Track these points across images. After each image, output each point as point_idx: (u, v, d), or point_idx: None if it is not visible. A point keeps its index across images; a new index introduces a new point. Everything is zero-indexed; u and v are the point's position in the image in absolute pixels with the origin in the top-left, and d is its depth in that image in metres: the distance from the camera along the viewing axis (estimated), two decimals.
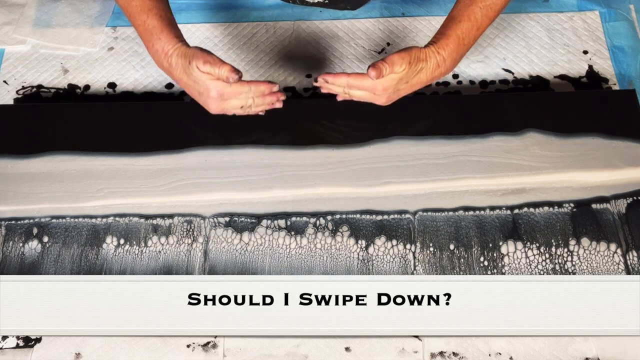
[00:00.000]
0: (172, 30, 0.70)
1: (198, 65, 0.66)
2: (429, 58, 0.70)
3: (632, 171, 0.74)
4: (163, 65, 0.70)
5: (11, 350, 0.69)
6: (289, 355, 0.67)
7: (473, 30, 0.71)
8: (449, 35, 0.71)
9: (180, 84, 0.71)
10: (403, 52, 0.68)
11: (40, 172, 0.77)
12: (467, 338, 0.68)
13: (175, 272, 0.71)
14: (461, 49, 0.71)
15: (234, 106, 0.71)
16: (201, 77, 0.68)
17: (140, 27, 0.71)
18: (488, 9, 0.71)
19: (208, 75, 0.67)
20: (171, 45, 0.69)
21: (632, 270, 0.69)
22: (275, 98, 0.73)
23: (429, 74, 0.71)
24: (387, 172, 0.75)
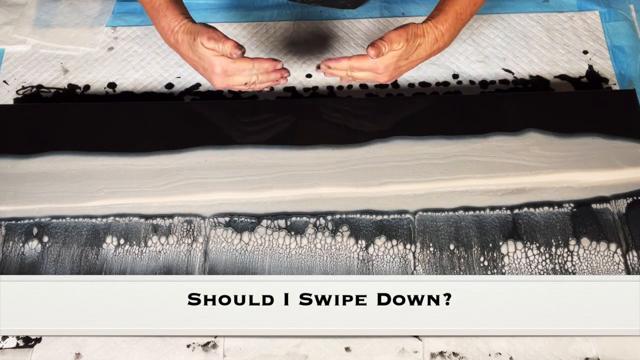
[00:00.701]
0: (178, 7, 0.72)
1: (202, 41, 0.68)
2: (426, 33, 0.71)
3: (632, 171, 0.74)
4: (170, 41, 0.72)
5: (11, 350, 0.69)
6: (289, 355, 0.67)
7: (470, 6, 0.73)
8: (446, 10, 0.72)
9: (186, 59, 0.73)
10: (400, 29, 0.70)
11: (40, 172, 0.77)
12: (467, 338, 0.68)
13: (175, 272, 0.71)
14: (458, 24, 0.73)
15: (238, 82, 0.72)
16: (206, 53, 0.69)
17: (148, 5, 0.72)
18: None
19: (212, 51, 0.68)
20: (177, 21, 0.70)
21: (632, 270, 0.69)
22: (279, 75, 0.73)
23: (427, 49, 0.72)
24: (387, 172, 0.75)
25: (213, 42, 0.68)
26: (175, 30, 0.70)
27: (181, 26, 0.70)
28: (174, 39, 0.71)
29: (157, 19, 0.72)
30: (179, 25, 0.70)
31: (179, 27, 0.70)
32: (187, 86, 0.88)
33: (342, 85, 0.87)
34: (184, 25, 0.70)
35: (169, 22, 0.71)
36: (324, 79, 0.88)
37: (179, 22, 0.70)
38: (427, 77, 0.87)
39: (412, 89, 0.87)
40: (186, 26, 0.70)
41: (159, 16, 0.71)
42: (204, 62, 0.70)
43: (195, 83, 0.88)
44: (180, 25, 0.70)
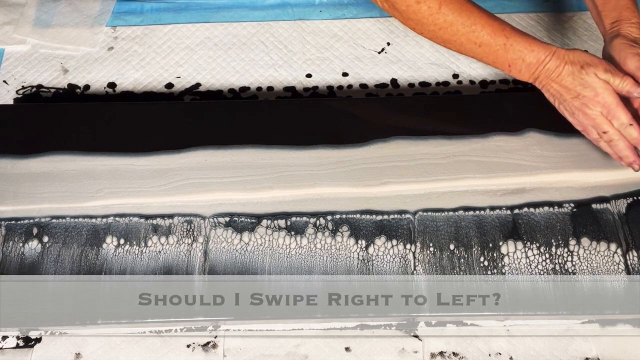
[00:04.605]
0: (534, 38, 0.69)
1: (597, 72, 0.66)
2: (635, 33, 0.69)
3: (632, 171, 0.74)
4: (531, 73, 0.69)
5: (11, 350, 0.69)
6: (289, 355, 0.67)
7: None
8: (626, 5, 0.70)
9: (551, 88, 0.70)
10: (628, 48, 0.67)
11: (40, 172, 0.77)
12: (467, 338, 0.68)
13: (175, 272, 0.71)
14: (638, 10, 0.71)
15: (601, 123, 0.68)
16: (595, 84, 0.66)
17: (500, 51, 0.69)
18: None
19: (605, 83, 0.66)
20: (547, 51, 0.68)
21: (632, 270, 0.69)
22: (633, 158, 0.69)
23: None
24: (387, 172, 0.75)
25: (610, 75, 0.65)
26: (547, 61, 0.68)
27: (554, 55, 0.68)
28: (540, 70, 0.68)
29: (520, 59, 0.69)
30: (551, 55, 0.68)
31: (551, 57, 0.68)
32: (187, 86, 0.88)
33: (342, 85, 0.87)
34: (557, 54, 0.68)
35: (537, 56, 0.68)
36: (324, 79, 0.88)
37: (550, 51, 0.68)
38: (427, 77, 0.88)
39: (412, 89, 0.87)
40: (561, 54, 0.68)
41: (522, 55, 0.68)
42: (586, 90, 0.67)
43: (195, 83, 0.88)
44: (553, 54, 0.68)
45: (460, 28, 0.69)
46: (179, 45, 0.92)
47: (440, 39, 0.71)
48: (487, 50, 0.69)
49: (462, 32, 0.69)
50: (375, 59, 0.90)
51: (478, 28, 0.68)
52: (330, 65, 0.89)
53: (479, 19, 0.68)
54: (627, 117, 0.66)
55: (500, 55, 0.69)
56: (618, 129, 0.67)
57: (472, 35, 0.69)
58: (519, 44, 0.68)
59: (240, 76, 0.89)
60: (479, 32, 0.68)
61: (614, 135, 0.68)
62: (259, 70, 0.89)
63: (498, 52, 0.69)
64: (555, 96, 0.70)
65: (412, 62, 0.89)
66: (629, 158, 0.69)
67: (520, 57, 0.69)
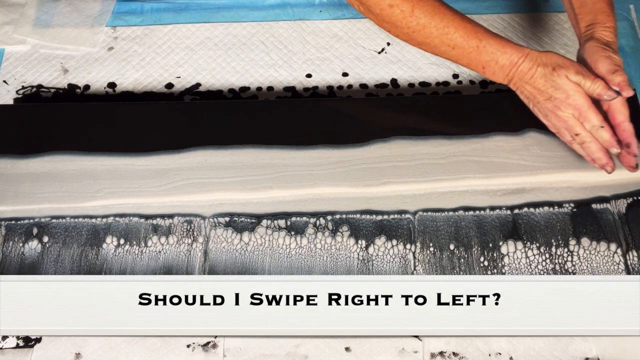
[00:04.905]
0: (508, 40, 0.69)
1: (568, 74, 0.66)
2: (608, 37, 0.69)
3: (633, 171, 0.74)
4: (506, 75, 0.69)
5: (11, 350, 0.69)
6: (289, 355, 0.67)
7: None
8: (601, 8, 0.70)
9: (524, 90, 0.70)
10: (600, 55, 0.67)
11: (40, 172, 0.77)
12: (467, 338, 0.68)
13: (175, 272, 0.71)
14: (615, 14, 0.71)
15: (573, 125, 0.68)
16: (566, 86, 0.66)
17: (474, 53, 0.69)
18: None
19: (576, 85, 0.66)
20: (520, 53, 0.68)
21: (632, 270, 0.69)
22: (606, 160, 0.69)
23: (617, 46, 0.70)
24: (387, 172, 0.75)
25: (581, 77, 0.65)
26: (520, 63, 0.68)
27: (527, 57, 0.68)
28: (513, 72, 0.69)
29: (493, 61, 0.69)
30: (524, 57, 0.68)
31: (524, 59, 0.68)
32: (187, 86, 0.88)
33: (342, 85, 0.87)
34: (530, 56, 0.68)
35: (510, 58, 0.68)
36: (324, 79, 0.88)
37: (522, 53, 0.68)
38: (427, 77, 0.88)
39: (412, 89, 0.87)
40: (534, 56, 0.68)
41: (495, 57, 0.69)
42: (558, 92, 0.67)
43: (195, 83, 0.88)
44: (526, 56, 0.68)
45: (434, 31, 0.69)
46: (179, 45, 0.92)
47: (414, 41, 0.71)
48: (460, 53, 0.70)
49: (435, 34, 0.69)
50: (375, 59, 0.90)
51: (451, 30, 0.69)
52: (330, 65, 0.89)
53: (452, 22, 0.69)
54: (598, 119, 0.66)
55: (473, 58, 0.70)
56: (590, 131, 0.68)
57: (445, 37, 0.69)
58: (492, 46, 0.69)
59: (240, 76, 0.89)
60: (452, 34, 0.69)
61: (586, 138, 0.68)
62: (259, 70, 0.89)
63: (471, 54, 0.69)
64: (529, 98, 0.70)
65: (412, 62, 0.89)
66: (601, 160, 0.69)
67: (493, 59, 0.69)
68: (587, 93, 0.66)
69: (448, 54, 0.71)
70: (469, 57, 0.70)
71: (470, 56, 0.70)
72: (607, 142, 0.67)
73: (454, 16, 0.69)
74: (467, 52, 0.69)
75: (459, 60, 0.71)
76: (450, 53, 0.70)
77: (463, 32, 0.69)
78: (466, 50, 0.69)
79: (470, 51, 0.69)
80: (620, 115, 0.67)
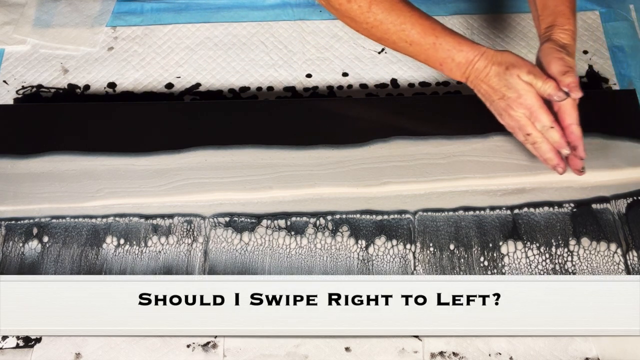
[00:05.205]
0: (466, 39, 0.69)
1: (520, 74, 0.66)
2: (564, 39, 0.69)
3: (632, 171, 0.74)
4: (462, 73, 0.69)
5: (11, 350, 0.69)
6: (289, 355, 0.67)
7: None
8: (562, 12, 0.70)
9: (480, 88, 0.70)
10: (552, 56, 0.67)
11: (40, 172, 0.77)
12: (467, 338, 0.68)
13: (175, 272, 0.71)
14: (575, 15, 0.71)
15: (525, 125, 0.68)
16: (518, 85, 0.66)
17: (430, 50, 0.69)
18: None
19: (528, 85, 0.66)
20: (476, 52, 0.68)
21: (632, 270, 0.69)
22: (557, 161, 0.69)
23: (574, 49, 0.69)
24: (387, 172, 0.75)
25: (532, 77, 0.65)
26: (475, 61, 0.68)
27: (482, 55, 0.68)
28: (469, 70, 0.69)
29: (449, 58, 0.69)
30: (480, 55, 0.68)
31: (479, 57, 0.68)
32: (187, 86, 0.88)
33: (342, 85, 0.87)
34: (486, 55, 0.68)
35: (466, 55, 0.68)
36: (324, 79, 0.88)
37: (478, 52, 0.68)
38: (427, 77, 0.88)
39: (412, 89, 0.87)
40: (490, 55, 0.68)
41: (451, 54, 0.69)
42: (510, 91, 0.67)
43: (195, 83, 0.88)
44: (482, 54, 0.68)
45: (391, 27, 0.69)
46: (179, 45, 0.92)
47: (374, 36, 0.72)
48: (418, 49, 0.70)
49: (393, 30, 0.69)
50: (375, 59, 0.90)
51: (408, 27, 0.69)
52: (330, 65, 0.89)
53: (409, 18, 0.69)
54: (549, 119, 0.66)
55: (430, 54, 0.70)
56: (541, 132, 0.68)
57: (403, 34, 0.69)
58: (448, 43, 0.69)
59: (240, 76, 0.89)
60: (408, 30, 0.69)
61: (537, 138, 0.68)
62: (259, 70, 0.89)
63: (428, 51, 0.70)
64: (485, 96, 0.70)
65: (412, 62, 0.89)
66: (552, 161, 0.69)
67: (449, 57, 0.69)
68: (538, 93, 0.66)
69: (406, 50, 0.71)
70: (426, 53, 0.70)
71: (428, 53, 0.70)
72: (557, 143, 0.67)
73: (411, 13, 0.69)
74: (425, 49, 0.70)
75: (417, 57, 0.71)
76: (408, 49, 0.71)
77: (420, 29, 0.69)
78: (423, 47, 0.69)
79: (427, 48, 0.69)
80: (569, 117, 0.67)
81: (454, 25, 0.91)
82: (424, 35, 0.69)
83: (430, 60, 0.70)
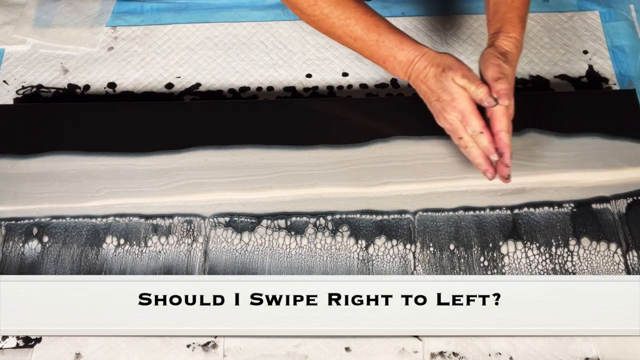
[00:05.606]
0: (410, 38, 0.70)
1: (455, 77, 0.66)
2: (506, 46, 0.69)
3: (632, 171, 0.74)
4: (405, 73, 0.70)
5: (11, 350, 0.69)
6: (289, 355, 0.67)
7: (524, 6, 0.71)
8: (509, 17, 0.70)
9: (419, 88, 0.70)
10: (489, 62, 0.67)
11: (40, 172, 0.77)
12: (467, 338, 0.68)
13: (175, 272, 0.71)
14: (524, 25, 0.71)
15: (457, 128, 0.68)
16: (452, 88, 0.66)
17: (373, 47, 0.70)
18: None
19: (461, 89, 0.66)
20: (417, 52, 0.68)
21: (632, 270, 0.69)
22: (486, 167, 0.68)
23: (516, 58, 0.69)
24: (387, 172, 0.75)
25: (466, 81, 0.65)
26: (416, 61, 0.68)
27: (423, 55, 0.68)
28: (410, 69, 0.69)
29: (391, 56, 0.69)
30: (420, 55, 0.68)
31: (420, 57, 0.68)
32: (187, 86, 0.88)
33: (342, 85, 0.87)
34: (427, 55, 0.68)
35: (407, 55, 0.68)
36: (324, 79, 0.88)
37: (420, 52, 0.68)
38: None
39: (412, 89, 0.86)
40: (431, 56, 0.68)
41: (393, 52, 0.69)
42: (445, 94, 0.67)
43: (195, 83, 0.88)
44: (423, 54, 0.68)
45: (336, 21, 0.70)
46: (179, 45, 0.92)
47: (321, 29, 0.73)
48: (362, 45, 0.71)
49: (338, 25, 0.70)
50: None
51: (352, 22, 0.70)
52: (330, 65, 0.89)
53: (354, 14, 0.70)
54: (479, 124, 0.66)
55: (374, 51, 0.70)
56: (472, 136, 0.67)
57: (347, 29, 0.70)
58: (391, 41, 0.69)
59: (240, 76, 0.89)
60: (352, 26, 0.70)
61: (469, 142, 0.68)
62: (259, 70, 0.89)
63: (372, 48, 0.70)
64: (424, 97, 0.71)
65: None
66: (482, 166, 0.68)
67: (391, 55, 0.69)
68: (472, 97, 0.66)
69: (352, 46, 0.72)
70: (370, 50, 0.70)
71: (371, 50, 0.70)
72: (486, 148, 0.67)
73: (356, 8, 0.70)
74: (368, 45, 0.70)
75: (362, 53, 0.72)
76: (353, 45, 0.71)
77: (364, 25, 0.69)
78: (367, 43, 0.70)
79: (371, 44, 0.70)
80: (499, 124, 0.66)
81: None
82: (367, 32, 0.69)
83: (374, 57, 0.71)
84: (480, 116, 0.66)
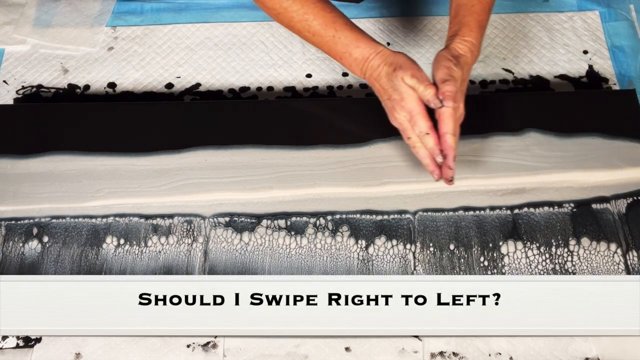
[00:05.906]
0: (367, 36, 0.70)
1: (404, 77, 0.66)
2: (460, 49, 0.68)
3: (632, 171, 0.74)
4: (361, 70, 0.70)
5: (11, 350, 0.69)
6: (289, 355, 0.67)
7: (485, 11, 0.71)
8: (466, 21, 0.70)
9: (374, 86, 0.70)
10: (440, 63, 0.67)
11: (40, 172, 0.77)
12: (467, 338, 0.68)
13: (175, 272, 0.71)
14: (482, 30, 0.71)
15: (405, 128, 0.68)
16: (402, 88, 0.66)
17: (330, 43, 0.70)
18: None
19: (410, 89, 0.66)
20: (372, 49, 0.68)
21: (632, 270, 0.69)
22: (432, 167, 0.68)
23: (470, 63, 0.69)
24: (387, 172, 0.75)
25: (415, 81, 0.65)
26: (370, 59, 0.68)
27: (377, 54, 0.68)
28: (365, 67, 0.69)
29: (347, 53, 0.69)
30: (375, 53, 0.68)
31: (375, 55, 0.68)
32: (187, 86, 0.88)
33: (342, 85, 0.87)
34: (381, 54, 0.68)
35: (363, 52, 0.68)
36: (324, 79, 0.88)
37: (375, 50, 0.68)
38: None
39: None
40: (385, 55, 0.68)
41: (349, 49, 0.69)
42: (395, 93, 0.67)
43: (195, 83, 0.88)
44: (377, 53, 0.68)
45: (295, 15, 0.70)
46: (179, 45, 0.92)
47: (283, 23, 0.73)
48: (320, 41, 0.71)
49: (297, 19, 0.70)
50: None
51: (310, 17, 0.70)
52: (330, 65, 0.89)
53: (312, 9, 0.70)
54: (425, 125, 0.66)
55: (331, 47, 0.70)
56: (419, 136, 0.67)
57: (305, 24, 0.70)
58: (347, 38, 0.69)
59: (240, 76, 0.89)
60: (311, 21, 0.70)
61: (416, 143, 0.68)
62: (259, 70, 0.89)
63: (329, 44, 0.70)
64: (378, 95, 0.70)
65: None
66: (428, 167, 0.68)
67: (347, 52, 0.69)
68: (420, 98, 0.66)
69: (311, 41, 0.72)
70: (328, 46, 0.71)
71: (329, 45, 0.70)
72: (431, 149, 0.67)
73: (315, 4, 0.70)
74: (326, 41, 0.70)
75: (321, 48, 0.72)
76: (312, 39, 0.71)
77: (321, 21, 0.70)
78: (324, 39, 0.70)
79: (328, 40, 0.70)
80: (445, 126, 0.66)
81: None
82: (324, 28, 0.70)
83: (331, 52, 0.71)
84: (427, 117, 0.66)
